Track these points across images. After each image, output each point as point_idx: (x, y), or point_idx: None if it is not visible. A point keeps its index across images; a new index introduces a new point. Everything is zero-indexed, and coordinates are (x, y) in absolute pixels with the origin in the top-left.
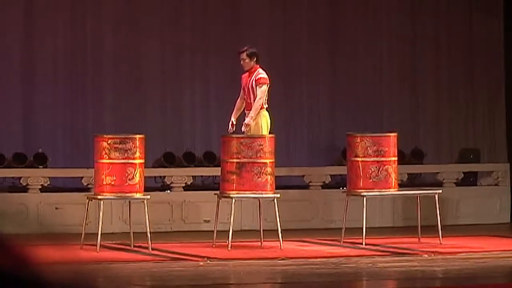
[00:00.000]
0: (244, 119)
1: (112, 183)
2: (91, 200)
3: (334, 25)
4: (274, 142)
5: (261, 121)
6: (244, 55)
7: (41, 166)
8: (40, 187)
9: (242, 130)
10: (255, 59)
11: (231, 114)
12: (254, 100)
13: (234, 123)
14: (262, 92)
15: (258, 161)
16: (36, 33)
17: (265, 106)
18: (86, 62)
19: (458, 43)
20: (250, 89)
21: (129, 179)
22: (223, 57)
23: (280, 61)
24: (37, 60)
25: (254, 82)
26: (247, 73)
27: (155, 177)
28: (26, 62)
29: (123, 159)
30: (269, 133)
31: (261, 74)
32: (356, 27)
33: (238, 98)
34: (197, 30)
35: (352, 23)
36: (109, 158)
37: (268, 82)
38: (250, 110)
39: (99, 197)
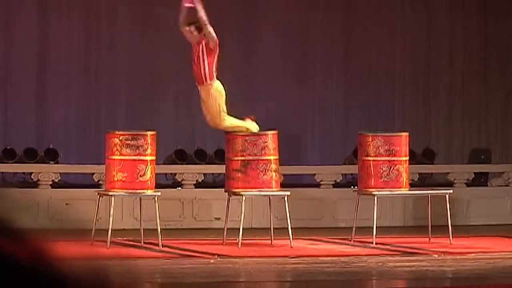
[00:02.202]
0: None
1: (123, 179)
2: (102, 196)
3: (348, 23)
4: (278, 139)
5: (215, 93)
6: (192, 28)
7: (52, 162)
8: (51, 182)
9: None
10: (202, 33)
11: None
12: (204, 70)
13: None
14: (210, 32)
15: (263, 158)
16: (51, 30)
17: (214, 74)
18: (99, 59)
19: (471, 43)
20: (201, 56)
21: (140, 176)
22: (236, 54)
23: (294, 60)
24: (50, 56)
25: (204, 47)
26: (194, 47)
27: (166, 174)
28: (40, 58)
29: (134, 155)
30: (226, 103)
31: (214, 35)
32: (370, 26)
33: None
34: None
35: (366, 22)
36: (121, 154)
37: (217, 46)
38: (201, 83)
39: (110, 193)
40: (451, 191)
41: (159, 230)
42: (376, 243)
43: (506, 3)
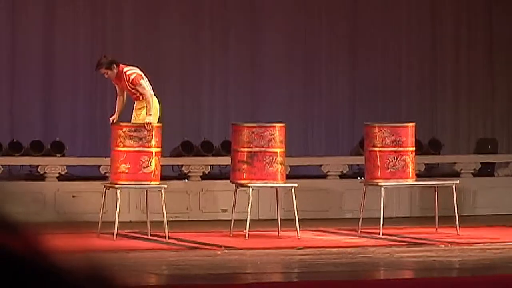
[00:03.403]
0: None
1: (126, 171)
2: (108, 189)
3: (354, 17)
4: (285, 131)
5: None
6: (103, 70)
7: (59, 155)
8: (57, 175)
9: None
10: (114, 65)
11: (114, 112)
12: (138, 92)
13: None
14: (143, 88)
15: (270, 150)
16: (57, 25)
17: (151, 92)
18: (105, 51)
19: (478, 34)
20: (132, 91)
21: (144, 167)
22: (242, 47)
23: (300, 51)
24: (57, 49)
25: (130, 85)
26: (116, 79)
27: (172, 166)
28: (47, 51)
29: (137, 147)
30: (158, 119)
31: (130, 72)
32: (377, 20)
33: (116, 98)
34: (216, 19)
35: (373, 16)
36: (124, 146)
37: (141, 74)
38: (138, 99)
39: (116, 185)
40: (458, 181)
41: (165, 222)
42: (383, 234)
43: None
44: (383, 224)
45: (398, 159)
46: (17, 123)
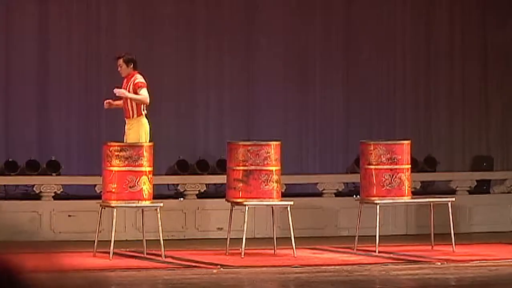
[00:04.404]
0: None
1: (113, 190)
2: (104, 208)
3: (348, 31)
4: (280, 149)
5: (140, 130)
6: (121, 61)
7: (54, 174)
8: (53, 194)
9: (114, 92)
10: (131, 65)
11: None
12: (131, 107)
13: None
14: (143, 91)
15: (266, 168)
16: (51, 41)
17: (144, 112)
18: (100, 69)
19: (472, 50)
20: (127, 102)
21: (130, 187)
22: (238, 64)
23: (294, 67)
24: (51, 68)
25: (132, 87)
26: (125, 80)
27: (168, 184)
28: (41, 70)
29: (124, 166)
30: (149, 140)
31: (139, 79)
32: (370, 34)
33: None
34: (211, 37)
35: (366, 30)
36: (111, 166)
37: (147, 87)
38: (129, 117)
39: (112, 204)
40: (454, 199)
41: (161, 240)
42: (379, 252)
43: (505, 8)
44: (379, 242)
45: (394, 176)
46: (12, 143)
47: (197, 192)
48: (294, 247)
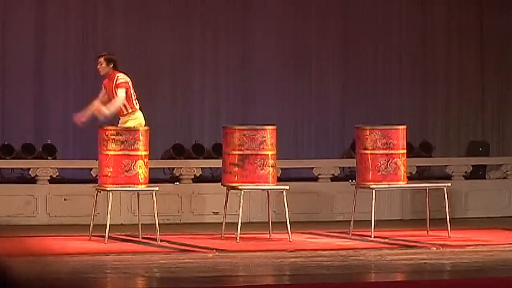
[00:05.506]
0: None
1: (109, 174)
2: (100, 192)
3: (345, 17)
4: (276, 134)
5: (133, 124)
6: (102, 59)
7: (50, 157)
8: (49, 178)
9: (96, 114)
10: (112, 65)
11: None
12: (123, 104)
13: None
14: (122, 92)
15: (261, 153)
16: (48, 25)
17: (137, 106)
18: (96, 54)
19: (469, 36)
20: (115, 94)
21: (126, 171)
22: (233, 49)
23: (290, 54)
24: (48, 52)
25: (114, 86)
26: (107, 79)
27: (164, 168)
28: (38, 53)
29: (119, 150)
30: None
31: (121, 79)
32: (367, 20)
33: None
34: (207, 21)
35: (363, 16)
36: (107, 150)
37: (129, 85)
38: (123, 115)
39: (108, 188)
40: (449, 184)
41: (157, 225)
42: (374, 237)
43: None
44: (374, 227)
45: (390, 161)
46: (8, 126)
47: (193, 176)
48: (289, 231)
